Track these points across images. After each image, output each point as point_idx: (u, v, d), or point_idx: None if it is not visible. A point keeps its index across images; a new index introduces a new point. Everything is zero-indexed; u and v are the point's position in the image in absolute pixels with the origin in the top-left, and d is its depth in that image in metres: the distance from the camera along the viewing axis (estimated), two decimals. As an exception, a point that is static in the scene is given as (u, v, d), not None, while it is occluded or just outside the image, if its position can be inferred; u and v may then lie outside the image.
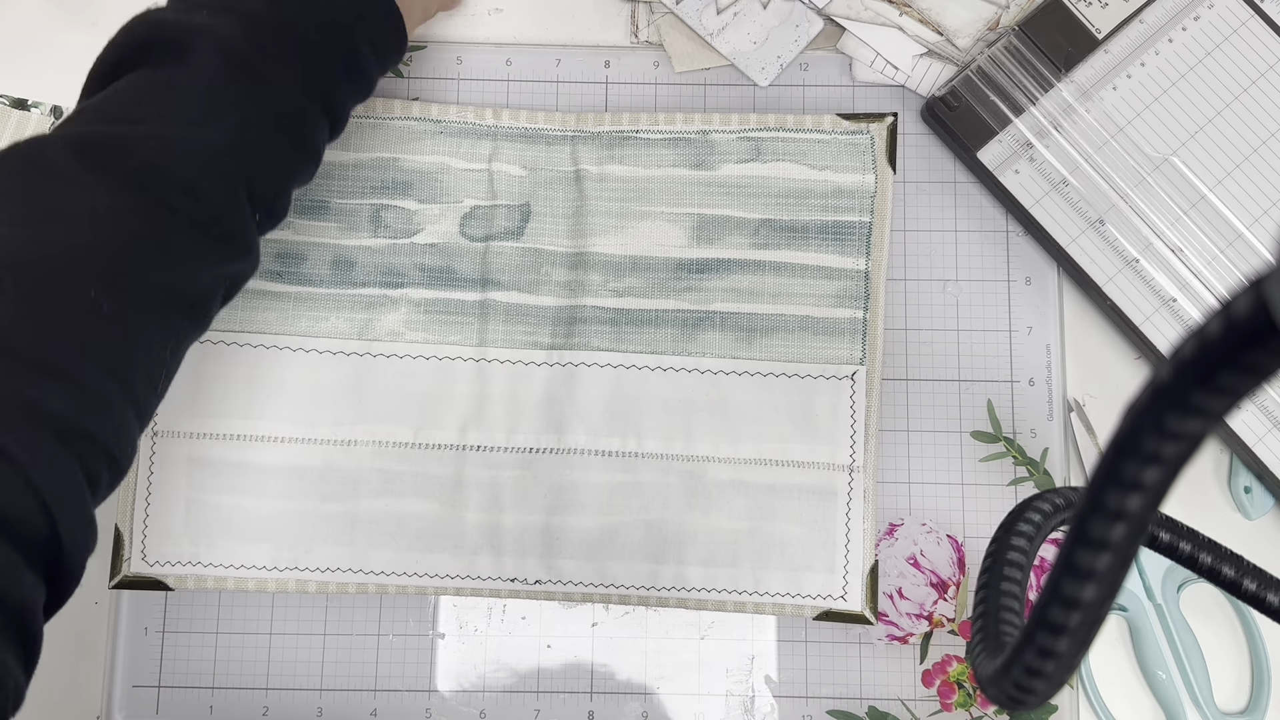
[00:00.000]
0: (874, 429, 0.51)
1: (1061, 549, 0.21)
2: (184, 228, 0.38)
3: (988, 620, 0.30)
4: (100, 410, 0.34)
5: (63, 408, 0.33)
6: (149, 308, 0.37)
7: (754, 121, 0.52)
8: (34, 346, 0.33)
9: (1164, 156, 0.52)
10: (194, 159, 0.38)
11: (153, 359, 0.37)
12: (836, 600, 0.50)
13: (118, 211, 0.36)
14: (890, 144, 0.52)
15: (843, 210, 0.52)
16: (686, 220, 0.52)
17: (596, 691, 0.51)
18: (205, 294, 0.40)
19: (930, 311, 0.53)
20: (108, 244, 0.36)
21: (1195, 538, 0.36)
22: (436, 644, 0.51)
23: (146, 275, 0.37)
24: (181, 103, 0.39)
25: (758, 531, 0.50)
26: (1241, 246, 0.51)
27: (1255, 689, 0.51)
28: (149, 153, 0.38)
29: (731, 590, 0.50)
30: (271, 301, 0.51)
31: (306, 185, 0.45)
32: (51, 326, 0.34)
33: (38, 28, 0.55)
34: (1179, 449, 0.18)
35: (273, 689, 0.51)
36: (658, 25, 0.55)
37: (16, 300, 0.33)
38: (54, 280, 0.34)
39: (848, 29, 0.54)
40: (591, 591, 0.50)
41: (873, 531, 0.50)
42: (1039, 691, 0.23)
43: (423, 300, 0.52)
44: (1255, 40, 0.53)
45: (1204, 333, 0.16)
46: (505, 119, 0.53)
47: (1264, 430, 0.51)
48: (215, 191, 0.39)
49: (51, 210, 0.36)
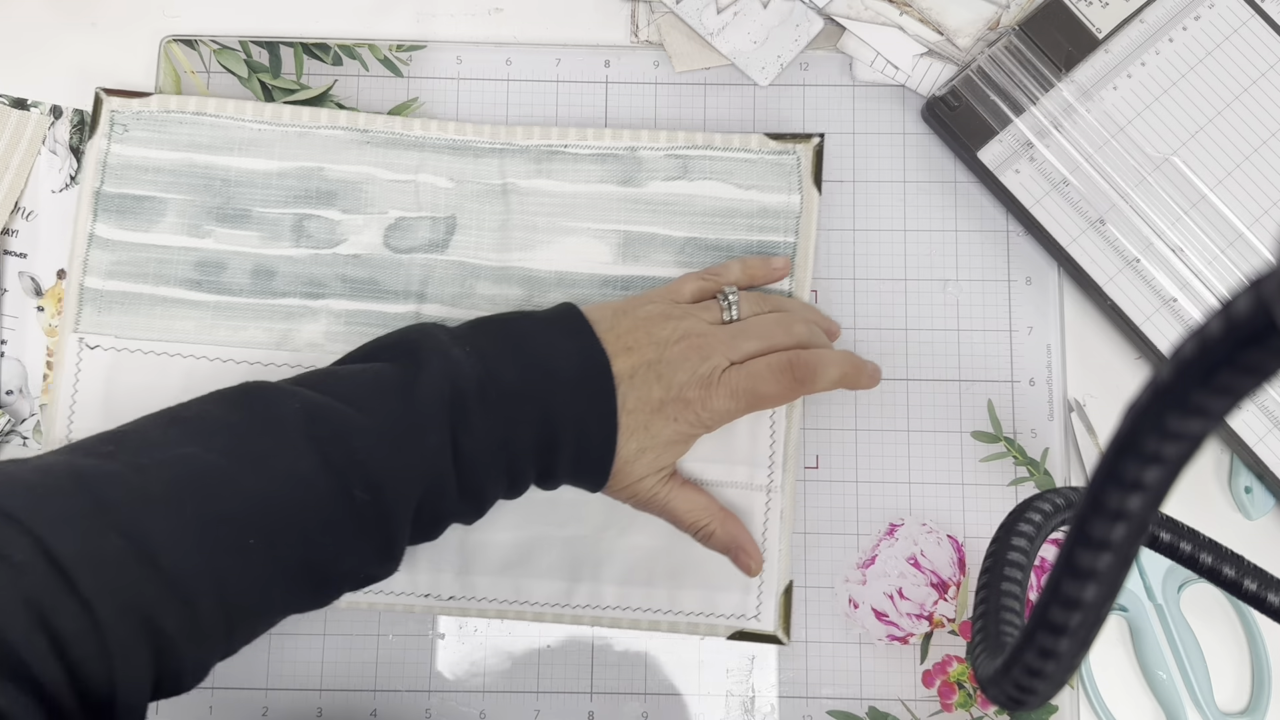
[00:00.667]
0: (793, 451, 0.51)
1: (1062, 549, 0.21)
2: (353, 519, 0.40)
3: (988, 620, 0.30)
4: (199, 642, 0.37)
5: (173, 630, 0.36)
6: (289, 572, 0.39)
7: (682, 139, 0.52)
8: (180, 568, 0.36)
9: (1164, 156, 0.52)
10: (390, 467, 0.40)
11: (262, 616, 0.40)
12: (750, 620, 0.50)
13: (311, 483, 0.39)
14: (816, 165, 0.52)
15: (768, 230, 0.52)
16: (613, 237, 0.52)
17: (596, 692, 0.51)
18: (339, 580, 0.42)
19: (930, 311, 0.53)
20: (287, 505, 0.39)
21: (1196, 538, 0.36)
22: (436, 644, 0.51)
23: (303, 546, 0.39)
24: (401, 410, 0.41)
25: (674, 550, 0.50)
26: (1242, 246, 0.51)
27: (1256, 689, 0.51)
28: (359, 445, 0.40)
29: (646, 609, 0.50)
30: (189, 310, 0.51)
31: (464, 523, 0.46)
32: (203, 558, 0.36)
33: (37, 28, 0.55)
34: (1180, 449, 0.18)
35: (272, 689, 0.51)
36: (658, 25, 0.55)
37: (190, 521, 0.36)
38: (229, 518, 0.37)
39: (848, 28, 0.54)
40: (505, 609, 0.50)
41: (788, 552, 0.50)
42: (1039, 692, 0.23)
43: (344, 311, 0.51)
44: (1256, 40, 0.53)
45: (1204, 333, 0.16)
46: (433, 130, 0.52)
47: (1265, 430, 0.51)
48: (394, 503, 0.41)
49: (261, 459, 0.39)
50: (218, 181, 0.52)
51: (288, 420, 0.40)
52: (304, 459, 0.39)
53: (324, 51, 0.54)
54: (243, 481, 0.38)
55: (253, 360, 0.51)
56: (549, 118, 0.54)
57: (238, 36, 0.54)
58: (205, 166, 0.52)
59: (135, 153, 0.52)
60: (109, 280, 0.51)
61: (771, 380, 0.45)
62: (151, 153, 0.52)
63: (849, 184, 0.54)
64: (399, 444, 0.41)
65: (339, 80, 0.54)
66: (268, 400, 0.40)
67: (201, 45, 0.54)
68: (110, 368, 0.50)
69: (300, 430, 0.39)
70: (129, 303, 0.51)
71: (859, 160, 0.54)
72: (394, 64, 0.54)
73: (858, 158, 0.54)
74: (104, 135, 0.52)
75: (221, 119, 0.52)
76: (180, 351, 0.51)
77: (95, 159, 0.51)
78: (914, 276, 0.53)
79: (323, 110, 0.52)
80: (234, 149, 0.52)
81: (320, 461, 0.39)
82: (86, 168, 0.51)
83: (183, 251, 0.51)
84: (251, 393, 0.41)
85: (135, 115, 0.52)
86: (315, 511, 0.39)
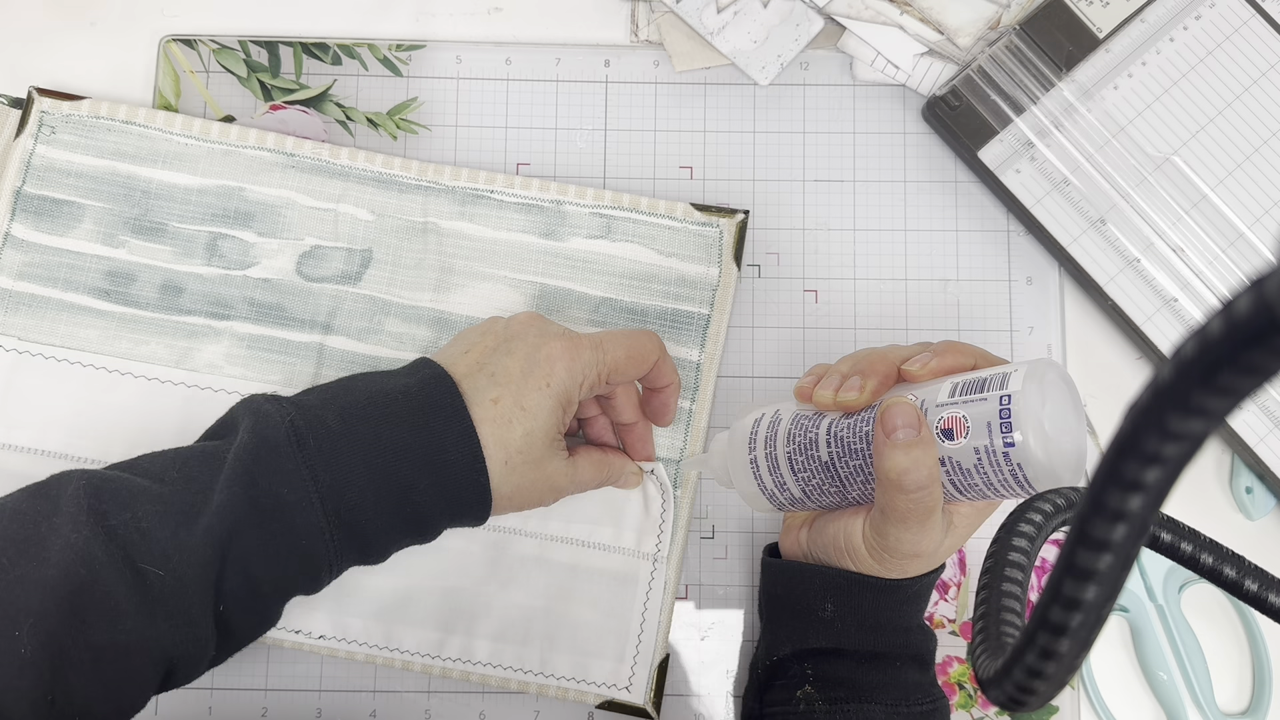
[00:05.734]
0: (684, 521, 0.50)
1: (1063, 550, 0.21)
2: (139, 592, 0.37)
3: (989, 621, 0.29)
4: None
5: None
6: (71, 657, 0.35)
7: (608, 199, 0.52)
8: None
9: (1165, 156, 0.52)
10: (178, 535, 0.37)
11: (61, 707, 0.36)
12: (620, 690, 0.49)
13: (88, 558, 0.36)
14: (738, 241, 0.52)
15: (684, 300, 0.51)
16: (528, 288, 0.51)
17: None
18: (142, 664, 0.37)
19: (930, 311, 0.53)
20: (57, 584, 0.35)
21: (1196, 538, 0.36)
22: (436, 644, 0.51)
23: (85, 627, 0.36)
24: (200, 475, 0.39)
25: (552, 611, 0.49)
26: (1243, 246, 0.51)
27: (1256, 690, 0.51)
28: (145, 512, 0.37)
29: (517, 669, 0.49)
30: (95, 320, 0.50)
31: (306, 594, 0.42)
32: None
33: (37, 28, 0.55)
34: (1180, 449, 0.18)
35: (271, 690, 0.50)
36: (658, 24, 0.55)
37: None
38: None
39: (848, 28, 0.54)
40: (374, 654, 0.49)
41: (668, 624, 0.50)
42: (1040, 692, 0.23)
43: (247, 335, 0.51)
44: (1256, 39, 0.53)
45: (1205, 332, 0.16)
46: (360, 160, 0.52)
47: (1266, 430, 0.50)
48: (186, 571, 0.37)
49: (35, 540, 0.36)
50: (138, 193, 0.51)
51: (68, 497, 0.37)
52: (80, 531, 0.36)
53: (323, 51, 0.54)
54: (14, 570, 0.36)
55: (150, 376, 0.50)
56: (549, 117, 0.54)
57: (237, 36, 0.54)
58: (127, 176, 0.51)
59: (60, 156, 0.51)
60: (18, 281, 0.50)
61: (627, 338, 0.45)
62: (76, 157, 0.51)
63: (849, 184, 0.54)
64: (188, 510, 0.38)
65: (338, 80, 0.54)
66: (60, 482, 0.38)
67: (200, 45, 0.54)
68: (9, 370, 0.50)
69: (80, 505, 0.37)
70: (36, 306, 0.50)
71: (859, 160, 0.54)
72: (393, 64, 0.54)
73: (858, 158, 0.54)
74: (30, 135, 0.51)
75: (150, 130, 0.51)
76: (81, 360, 0.50)
77: (20, 158, 0.51)
78: (914, 276, 0.53)
79: (251, 130, 0.52)
80: (158, 161, 0.51)
81: (99, 534, 0.36)
82: (9, 166, 0.51)
83: (95, 259, 0.51)
84: (50, 479, 0.39)
85: (64, 118, 0.51)
86: (93, 588, 0.36)
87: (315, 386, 0.44)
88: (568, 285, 0.51)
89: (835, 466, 0.40)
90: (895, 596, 0.42)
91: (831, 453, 0.40)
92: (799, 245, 0.54)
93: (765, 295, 0.53)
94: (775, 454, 0.42)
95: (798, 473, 0.42)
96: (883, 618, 0.42)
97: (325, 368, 0.51)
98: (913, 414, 0.37)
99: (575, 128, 0.54)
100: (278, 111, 0.53)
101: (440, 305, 0.51)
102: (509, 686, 0.50)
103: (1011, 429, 0.35)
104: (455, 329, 0.51)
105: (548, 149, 0.54)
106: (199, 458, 0.40)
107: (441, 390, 0.41)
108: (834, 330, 0.53)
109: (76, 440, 0.50)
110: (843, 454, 0.40)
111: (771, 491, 0.43)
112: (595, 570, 0.50)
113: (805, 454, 0.41)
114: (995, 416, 0.36)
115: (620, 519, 0.50)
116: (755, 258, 0.54)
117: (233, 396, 0.50)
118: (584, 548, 0.50)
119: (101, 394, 0.50)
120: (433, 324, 0.51)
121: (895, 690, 0.42)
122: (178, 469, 0.39)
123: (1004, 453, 0.36)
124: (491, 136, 0.54)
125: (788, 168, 0.54)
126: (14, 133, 0.52)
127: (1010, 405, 0.36)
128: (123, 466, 0.40)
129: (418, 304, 0.51)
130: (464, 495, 0.41)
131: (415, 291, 0.51)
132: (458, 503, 0.41)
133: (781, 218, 0.54)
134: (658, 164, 0.54)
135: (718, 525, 0.52)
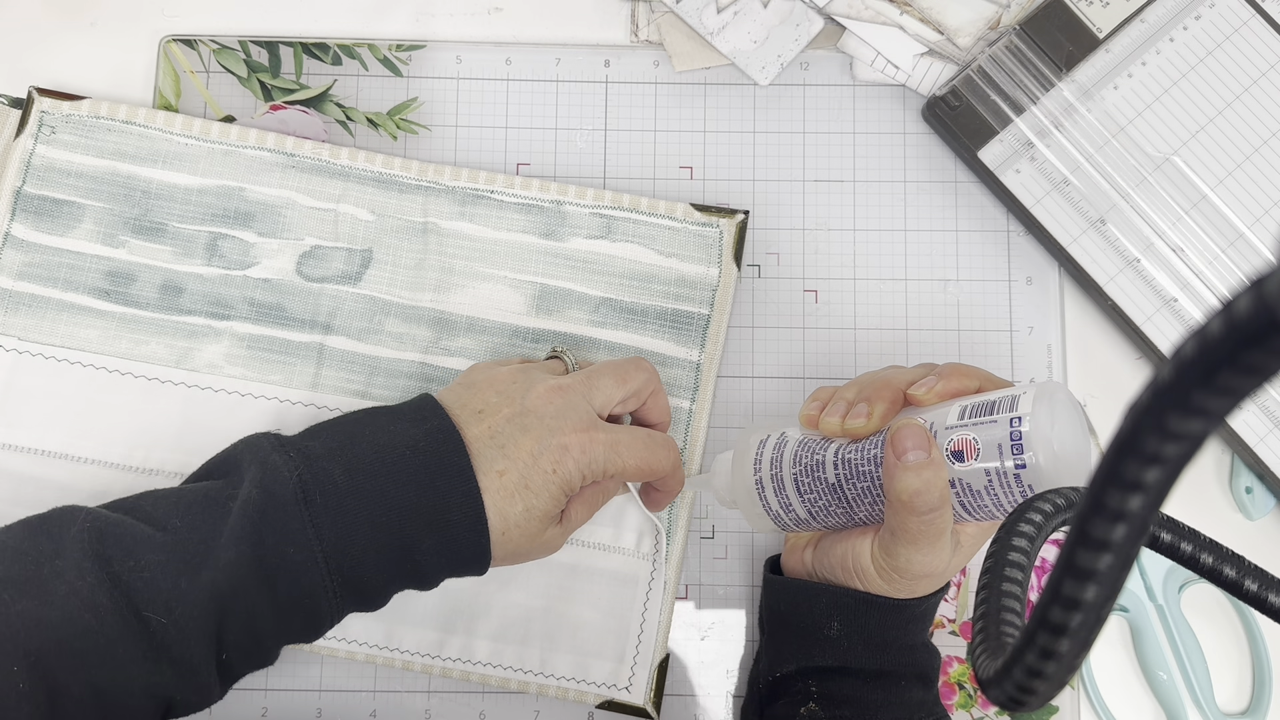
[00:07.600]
0: (684, 521, 0.50)
1: (1063, 550, 0.21)
2: (144, 639, 0.37)
3: (988, 621, 0.29)
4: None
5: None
6: (74, 699, 0.36)
7: (608, 199, 0.52)
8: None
9: (1165, 156, 0.52)
10: (181, 585, 0.38)
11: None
12: (620, 691, 0.49)
13: (92, 603, 0.37)
14: (738, 241, 0.52)
15: (683, 300, 0.51)
16: (529, 288, 0.51)
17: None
18: (141, 706, 0.38)
19: (930, 311, 0.53)
20: (60, 627, 0.36)
21: (1196, 538, 0.36)
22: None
23: (85, 670, 0.36)
24: (204, 524, 0.39)
25: (552, 611, 0.49)
26: (1243, 246, 0.51)
27: (1256, 690, 0.51)
28: (149, 561, 0.38)
29: (517, 669, 0.49)
30: (95, 320, 0.50)
31: (305, 641, 0.43)
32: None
33: (37, 28, 0.55)
34: (1180, 449, 0.18)
35: (271, 690, 0.50)
36: (658, 24, 0.55)
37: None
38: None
39: (848, 28, 0.54)
40: (374, 654, 0.49)
41: (668, 625, 0.50)
42: (1040, 692, 0.23)
43: (247, 335, 0.51)
44: (1256, 40, 0.53)
45: (1205, 332, 0.16)
46: (360, 160, 0.52)
47: (1265, 430, 0.50)
48: (188, 621, 0.38)
49: (38, 581, 0.37)
50: (138, 193, 0.51)
51: (71, 539, 0.37)
52: (85, 578, 0.37)
53: (323, 51, 0.54)
54: (15, 605, 0.36)
55: (150, 376, 0.50)
56: (549, 117, 0.54)
57: (237, 36, 0.54)
58: (127, 176, 0.51)
59: (60, 156, 0.51)
60: (18, 281, 0.50)
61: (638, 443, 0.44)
62: (76, 157, 0.51)
63: (849, 184, 0.54)
64: (191, 559, 0.38)
65: (339, 80, 0.54)
66: (61, 521, 0.38)
67: (201, 45, 0.54)
68: (9, 369, 0.50)
69: (85, 549, 0.37)
70: (36, 306, 0.50)
71: (859, 160, 0.54)
72: (394, 64, 0.54)
73: (858, 158, 0.54)
74: (30, 135, 0.51)
75: (150, 130, 0.51)
76: (81, 360, 0.50)
77: (20, 158, 0.51)
78: (914, 276, 0.53)
79: (252, 130, 0.52)
80: (158, 161, 0.51)
81: (104, 581, 0.37)
82: (9, 166, 0.51)
83: (95, 260, 0.51)
84: (50, 516, 0.39)
85: (65, 118, 0.51)
86: (97, 633, 0.36)
87: (319, 426, 0.43)
88: (568, 285, 0.51)
89: (842, 488, 0.40)
90: (902, 616, 0.42)
91: (839, 475, 0.40)
92: (799, 245, 0.54)
93: (765, 295, 0.53)
94: (781, 476, 0.42)
95: (804, 494, 0.42)
96: (889, 636, 0.42)
97: (325, 368, 0.51)
98: (923, 436, 0.37)
99: (575, 128, 0.54)
100: (278, 111, 0.53)
101: (440, 305, 0.51)
102: (509, 686, 0.50)
103: (1023, 450, 0.36)
104: (455, 329, 0.51)
105: (548, 149, 0.54)
106: (201, 504, 0.40)
107: (449, 449, 0.41)
108: (834, 330, 0.53)
109: (76, 440, 0.50)
110: (850, 476, 0.40)
111: (777, 513, 0.43)
112: (596, 571, 0.50)
113: (812, 476, 0.41)
114: (1006, 438, 0.36)
115: (620, 519, 0.50)
116: (755, 258, 0.54)
117: (232, 397, 0.50)
118: (584, 548, 0.50)
119: (101, 394, 0.50)
120: (433, 324, 0.51)
121: (899, 708, 0.42)
122: (180, 516, 0.39)
123: (1015, 474, 0.36)
124: (491, 136, 0.54)
125: (788, 168, 0.54)
126: (14, 133, 0.52)
127: (1021, 427, 0.36)
128: (124, 508, 0.40)
129: (418, 304, 0.51)
130: (464, 554, 0.42)
131: (415, 291, 0.51)
132: (458, 560, 0.42)
133: (781, 218, 0.54)
134: (658, 164, 0.54)
135: (718, 525, 0.52)
